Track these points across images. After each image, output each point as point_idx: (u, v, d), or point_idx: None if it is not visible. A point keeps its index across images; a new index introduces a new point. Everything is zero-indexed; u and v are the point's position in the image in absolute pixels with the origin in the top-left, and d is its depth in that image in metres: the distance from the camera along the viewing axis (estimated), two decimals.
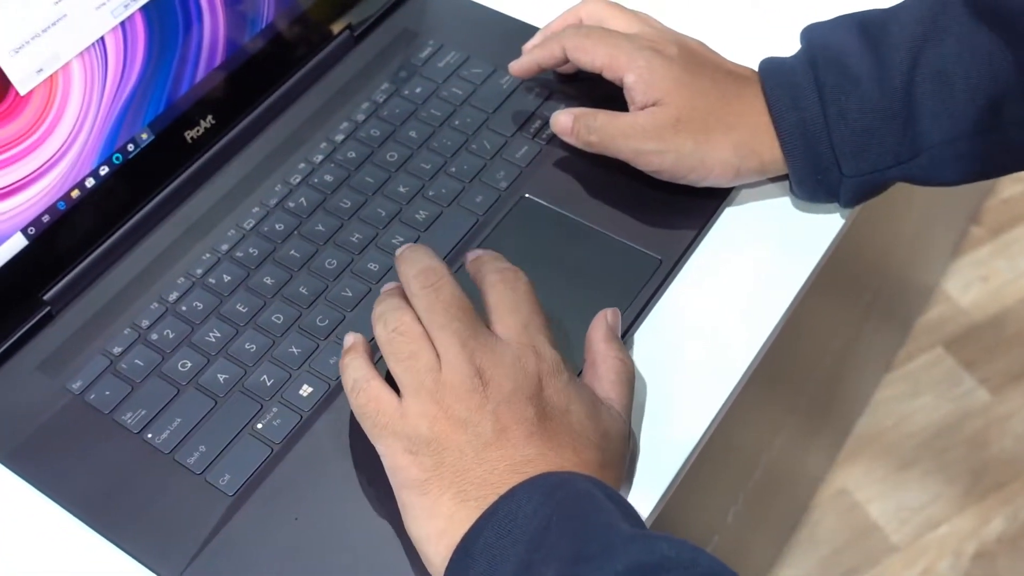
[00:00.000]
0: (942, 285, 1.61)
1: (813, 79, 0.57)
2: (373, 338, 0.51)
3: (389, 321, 0.49)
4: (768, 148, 0.59)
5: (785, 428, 0.99)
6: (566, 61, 0.63)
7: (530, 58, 0.65)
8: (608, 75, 0.61)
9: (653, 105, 0.59)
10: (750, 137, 0.59)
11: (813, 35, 0.59)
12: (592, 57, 0.61)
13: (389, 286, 0.53)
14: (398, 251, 0.53)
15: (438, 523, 0.46)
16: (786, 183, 0.62)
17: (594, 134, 0.60)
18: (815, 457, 1.35)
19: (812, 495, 1.41)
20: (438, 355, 0.48)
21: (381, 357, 0.50)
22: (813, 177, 0.59)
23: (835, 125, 0.57)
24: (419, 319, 0.49)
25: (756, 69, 0.60)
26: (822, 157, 0.58)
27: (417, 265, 0.51)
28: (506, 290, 0.51)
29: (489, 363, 0.47)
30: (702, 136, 0.58)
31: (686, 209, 0.61)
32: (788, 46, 0.61)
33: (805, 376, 0.98)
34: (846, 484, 1.43)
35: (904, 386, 1.52)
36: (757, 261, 0.60)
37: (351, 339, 0.52)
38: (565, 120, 0.61)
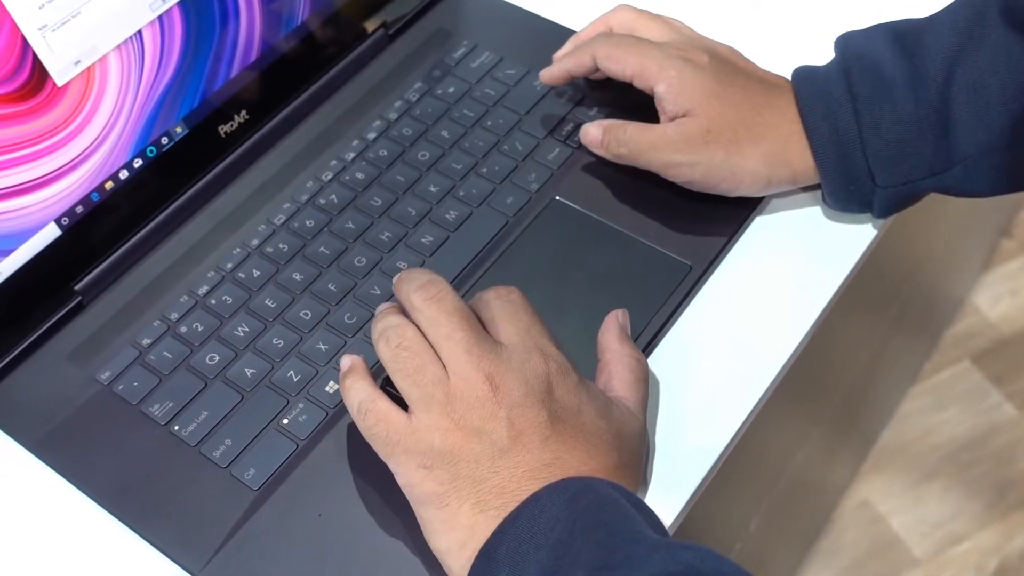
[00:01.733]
0: (971, 298, 1.60)
1: (847, 88, 0.57)
2: (376, 362, 0.50)
3: (392, 338, 0.49)
4: (800, 158, 0.59)
5: (810, 438, 0.98)
6: (597, 69, 0.63)
7: (560, 67, 0.64)
8: (639, 84, 0.61)
9: (683, 115, 0.59)
10: (781, 147, 0.59)
11: (847, 44, 0.59)
12: (623, 66, 0.61)
13: (384, 306, 0.52)
14: (395, 277, 0.52)
15: (458, 535, 0.45)
16: (818, 192, 0.61)
17: (624, 147, 0.60)
18: (838, 468, 1.34)
19: (834, 506, 1.40)
20: (444, 367, 0.47)
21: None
22: (846, 187, 0.58)
23: (869, 135, 0.57)
24: (421, 333, 0.49)
25: (788, 77, 0.60)
26: (855, 167, 0.58)
27: (416, 280, 0.50)
28: (502, 303, 0.50)
29: (497, 369, 0.47)
30: (732, 147, 0.58)
31: (717, 216, 0.61)
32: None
33: (832, 386, 0.97)
34: (869, 496, 1.42)
35: (930, 399, 1.51)
36: (788, 270, 0.60)
37: (349, 361, 0.51)
38: (595, 132, 0.61)
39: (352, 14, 0.70)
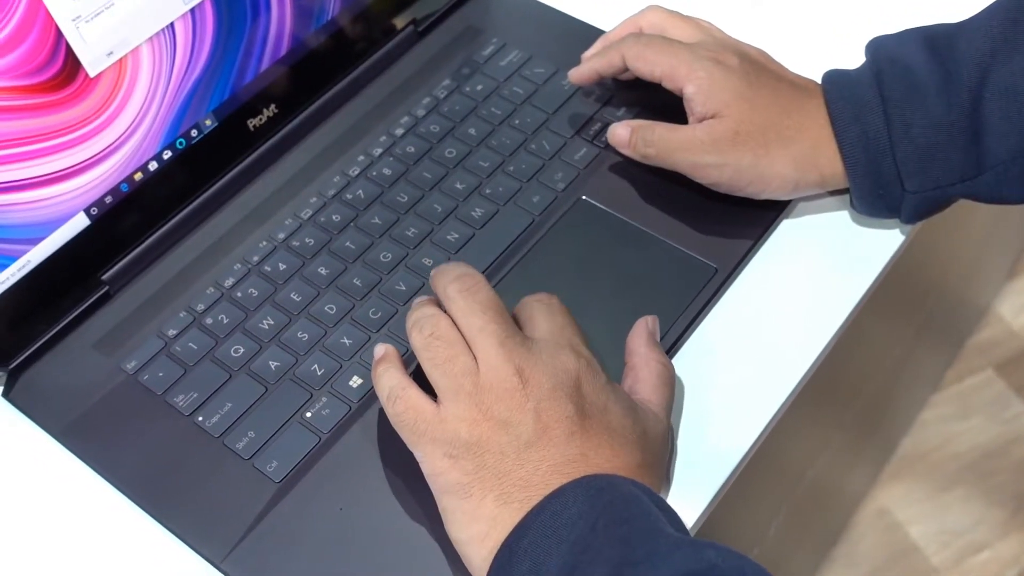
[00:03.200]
0: (995, 307, 1.59)
1: (878, 92, 0.57)
2: (407, 351, 0.51)
3: (425, 327, 0.49)
4: (829, 162, 0.58)
5: (831, 444, 0.98)
6: (625, 70, 0.63)
7: (589, 66, 0.64)
8: (668, 85, 0.61)
9: (712, 117, 0.59)
10: (810, 150, 0.58)
11: (879, 48, 0.59)
12: (652, 67, 0.61)
13: (422, 298, 0.53)
14: (432, 269, 0.53)
15: (481, 526, 0.46)
16: (846, 197, 0.61)
17: (652, 147, 0.60)
18: (858, 474, 1.33)
19: (853, 513, 1.39)
20: (475, 359, 0.48)
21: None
22: (875, 192, 0.58)
23: (899, 140, 0.56)
24: (455, 325, 0.49)
25: (818, 80, 0.60)
26: (885, 173, 0.57)
27: (452, 272, 0.51)
28: (539, 304, 0.51)
29: (528, 362, 0.47)
30: (761, 150, 0.58)
31: (744, 218, 0.61)
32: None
33: (854, 392, 0.97)
34: (888, 504, 1.41)
35: (952, 407, 1.50)
36: (814, 274, 0.60)
37: (382, 349, 0.51)
38: (623, 133, 0.61)
39: (382, 10, 0.70)
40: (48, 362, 0.57)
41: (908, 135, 0.56)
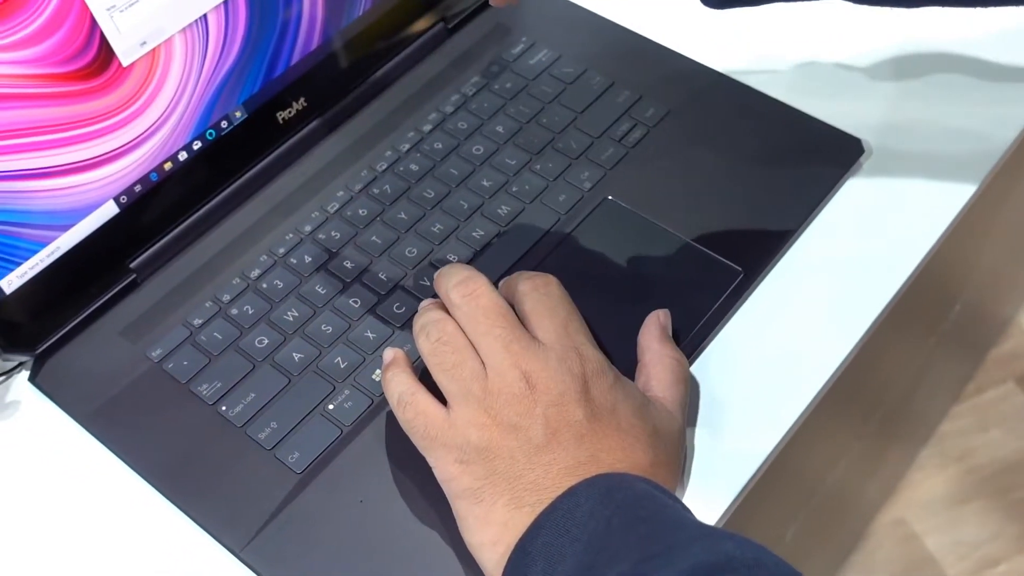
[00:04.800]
0: (1018, 319, 1.57)
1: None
2: (418, 358, 0.51)
3: (432, 332, 0.49)
4: None
5: (850, 451, 0.98)
6: None
7: None
8: None
9: None
10: None
11: None
12: None
13: (427, 301, 0.53)
14: (436, 273, 0.53)
15: (493, 530, 0.46)
16: (875, 204, 0.61)
17: None
18: (875, 483, 1.33)
19: (870, 522, 1.38)
20: (483, 363, 0.48)
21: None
22: None
23: None
24: (461, 329, 0.49)
25: None
26: None
27: (455, 277, 0.51)
28: (539, 296, 0.51)
29: (535, 367, 0.47)
30: None
31: (771, 222, 0.61)
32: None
33: (875, 401, 0.96)
34: (905, 514, 1.40)
35: (972, 419, 1.49)
36: (839, 281, 0.59)
37: (391, 354, 0.51)
38: None
39: (412, 7, 0.70)
40: (74, 348, 0.57)
41: None
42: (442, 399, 0.48)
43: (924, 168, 0.64)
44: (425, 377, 0.50)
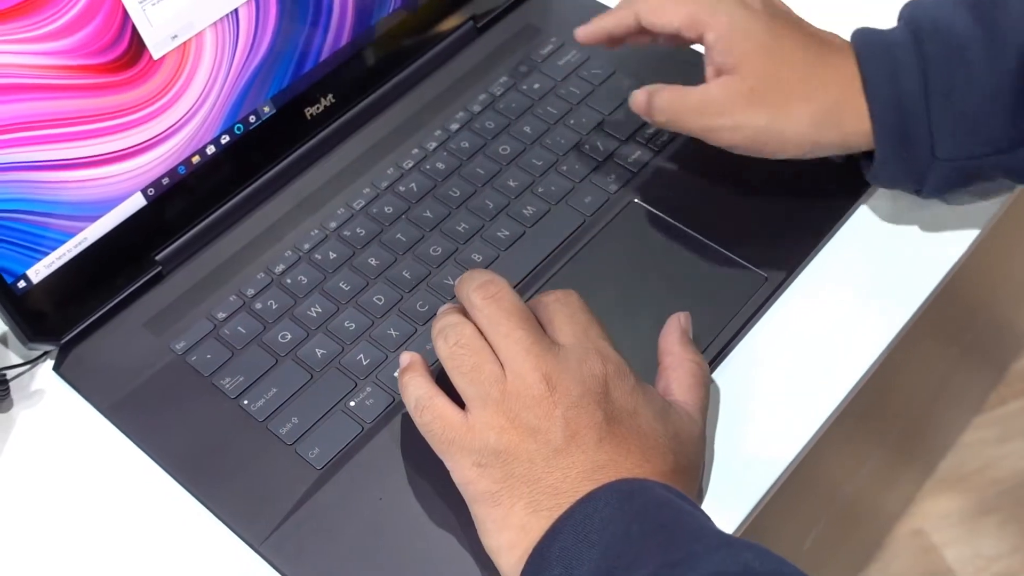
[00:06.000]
0: None
1: (916, 52, 0.53)
2: (435, 361, 0.51)
3: (450, 336, 0.49)
4: (853, 120, 0.55)
5: (870, 460, 0.97)
6: (641, 30, 0.59)
7: (599, 24, 0.60)
8: (688, 34, 0.57)
9: (730, 71, 0.56)
10: (833, 108, 0.55)
11: (917, 10, 0.55)
12: (670, 17, 0.57)
13: (446, 305, 0.53)
14: (457, 278, 0.52)
15: (511, 535, 0.45)
16: (902, 211, 0.60)
17: (661, 113, 0.58)
18: (895, 493, 1.32)
19: (888, 532, 1.38)
20: (502, 366, 0.47)
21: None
22: (899, 156, 0.55)
23: (936, 105, 0.53)
24: (480, 332, 0.49)
25: (846, 38, 0.57)
26: (915, 137, 0.54)
27: (477, 280, 0.50)
28: (559, 305, 0.50)
29: (555, 368, 0.47)
30: (779, 109, 0.55)
31: (797, 228, 0.60)
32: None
33: (897, 410, 0.96)
34: (923, 525, 1.39)
35: (993, 430, 1.48)
36: (865, 289, 0.59)
37: (408, 357, 0.51)
38: (641, 97, 0.59)
39: (442, 5, 0.70)
40: (99, 338, 0.58)
41: (947, 99, 0.53)
42: (460, 403, 0.48)
43: None
44: (442, 380, 0.49)
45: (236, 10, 0.58)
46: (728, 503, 0.51)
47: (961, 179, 0.56)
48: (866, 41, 0.56)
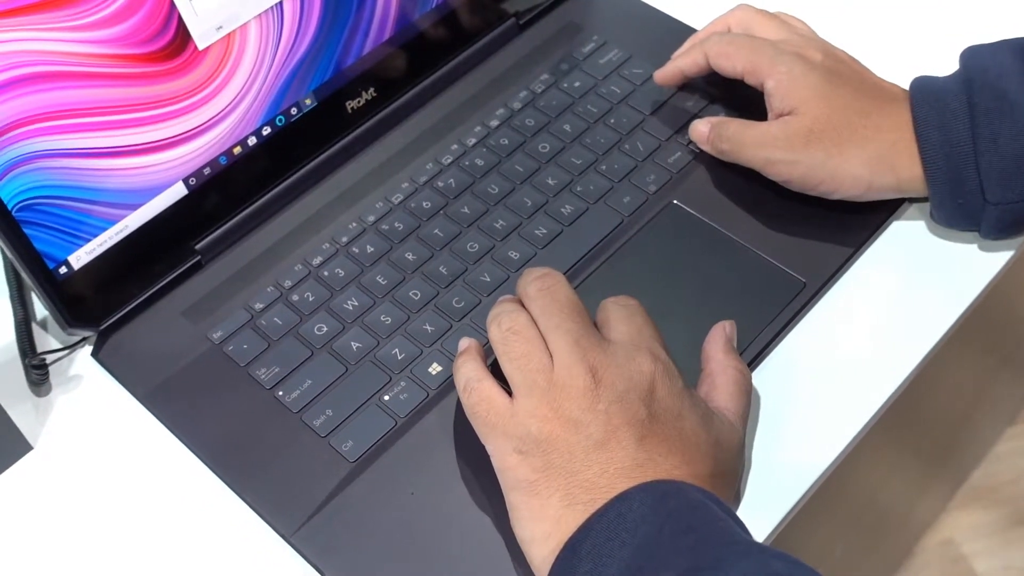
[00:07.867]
0: None
1: (966, 100, 0.56)
2: (486, 342, 0.51)
3: (504, 322, 0.50)
4: (907, 165, 0.57)
5: (904, 468, 0.96)
6: (710, 69, 0.63)
7: (674, 65, 0.65)
8: (749, 80, 0.61)
9: (789, 113, 0.59)
10: (887, 152, 0.58)
11: (972, 56, 0.58)
12: (734, 63, 0.61)
13: (505, 296, 0.53)
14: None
15: (544, 526, 0.46)
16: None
17: (726, 142, 0.61)
18: (926, 502, 1.31)
19: (918, 540, 1.36)
20: (551, 357, 0.48)
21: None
22: (954, 200, 0.57)
23: (984, 149, 0.55)
24: (534, 323, 0.49)
25: (906, 87, 0.59)
26: (966, 182, 0.56)
27: (535, 272, 0.51)
28: (617, 306, 0.51)
29: (602, 362, 0.47)
30: (835, 148, 0.57)
31: (837, 234, 0.60)
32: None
33: (933, 418, 0.95)
34: (954, 535, 1.38)
35: None
36: (904, 296, 0.58)
37: (466, 343, 0.52)
38: (702, 128, 0.62)
39: (485, 2, 0.70)
40: (137, 326, 0.58)
41: (994, 145, 0.55)
42: (510, 391, 0.48)
43: None
44: (496, 370, 0.50)
45: (280, 3, 0.59)
46: (761, 509, 0.51)
47: (1016, 221, 0.57)
48: (921, 88, 0.58)
